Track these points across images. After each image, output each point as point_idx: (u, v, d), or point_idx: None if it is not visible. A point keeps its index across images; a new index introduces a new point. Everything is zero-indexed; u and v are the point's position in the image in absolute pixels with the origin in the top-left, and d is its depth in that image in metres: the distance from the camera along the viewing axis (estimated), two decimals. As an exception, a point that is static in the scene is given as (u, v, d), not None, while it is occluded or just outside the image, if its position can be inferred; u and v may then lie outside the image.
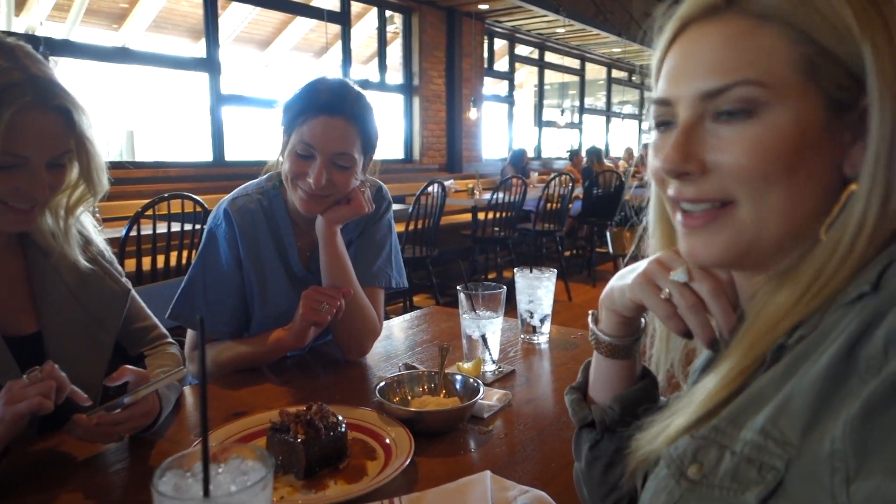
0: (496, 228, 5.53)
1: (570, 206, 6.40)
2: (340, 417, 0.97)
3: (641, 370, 0.75)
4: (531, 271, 1.55)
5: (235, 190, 1.46)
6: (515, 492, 0.85)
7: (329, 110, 1.26)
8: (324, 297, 1.30)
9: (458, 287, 1.37)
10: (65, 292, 1.12)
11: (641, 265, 0.66)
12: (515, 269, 1.58)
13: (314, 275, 1.43)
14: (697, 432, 0.52)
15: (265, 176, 1.47)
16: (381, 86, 7.11)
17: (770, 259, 0.56)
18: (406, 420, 1.04)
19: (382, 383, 1.14)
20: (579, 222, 7.10)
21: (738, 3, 0.52)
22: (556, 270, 1.59)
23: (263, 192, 1.44)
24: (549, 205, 5.93)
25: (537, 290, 1.55)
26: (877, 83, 0.48)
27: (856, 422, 0.39)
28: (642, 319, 0.73)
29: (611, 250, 3.10)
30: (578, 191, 6.77)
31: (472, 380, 1.16)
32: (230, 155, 5.36)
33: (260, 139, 6.52)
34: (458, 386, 1.17)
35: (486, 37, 8.49)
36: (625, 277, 0.68)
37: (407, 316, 1.83)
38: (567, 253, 7.18)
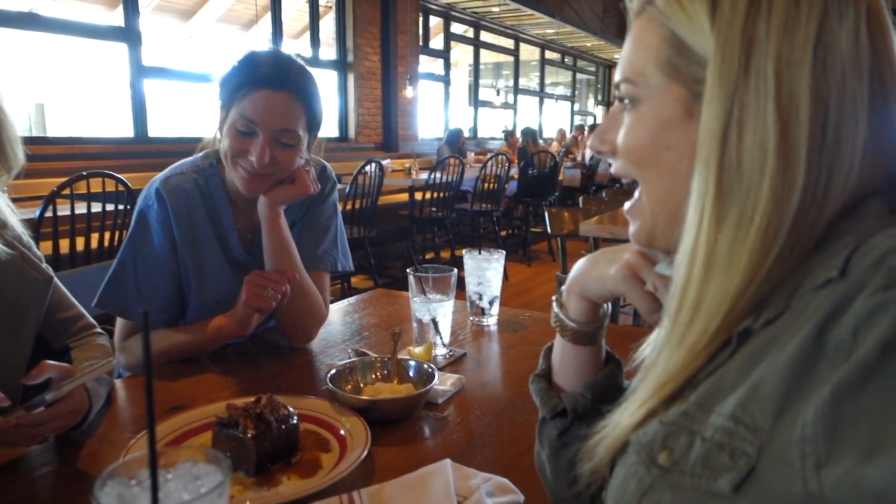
0: (433, 209, 5.50)
1: (507, 186, 6.45)
2: (292, 409, 0.93)
3: (606, 354, 0.74)
4: (479, 253, 1.53)
5: (168, 168, 1.35)
6: (478, 480, 0.83)
7: (272, 84, 1.18)
8: (268, 282, 1.23)
9: (407, 270, 1.34)
10: None
11: (620, 255, 0.65)
12: (464, 251, 1.55)
13: (256, 258, 1.35)
14: (666, 417, 0.50)
15: (201, 154, 1.38)
16: (314, 61, 6.87)
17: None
18: (360, 409, 1.00)
19: (333, 371, 1.10)
20: (515, 202, 7.17)
21: (648, 6, 0.55)
22: (504, 252, 1.58)
23: (199, 170, 1.34)
24: (486, 185, 5.95)
25: (486, 271, 1.54)
26: (709, 76, 0.48)
27: (826, 407, 0.39)
28: (606, 305, 0.72)
29: (549, 230, 3.15)
30: (514, 171, 6.82)
31: (426, 365, 1.13)
32: (154, 131, 5.07)
33: (186, 115, 6.22)
34: (411, 372, 1.14)
35: (421, 14, 8.37)
36: (601, 266, 0.66)
37: (352, 299, 1.78)
38: (503, 233, 7.25)
